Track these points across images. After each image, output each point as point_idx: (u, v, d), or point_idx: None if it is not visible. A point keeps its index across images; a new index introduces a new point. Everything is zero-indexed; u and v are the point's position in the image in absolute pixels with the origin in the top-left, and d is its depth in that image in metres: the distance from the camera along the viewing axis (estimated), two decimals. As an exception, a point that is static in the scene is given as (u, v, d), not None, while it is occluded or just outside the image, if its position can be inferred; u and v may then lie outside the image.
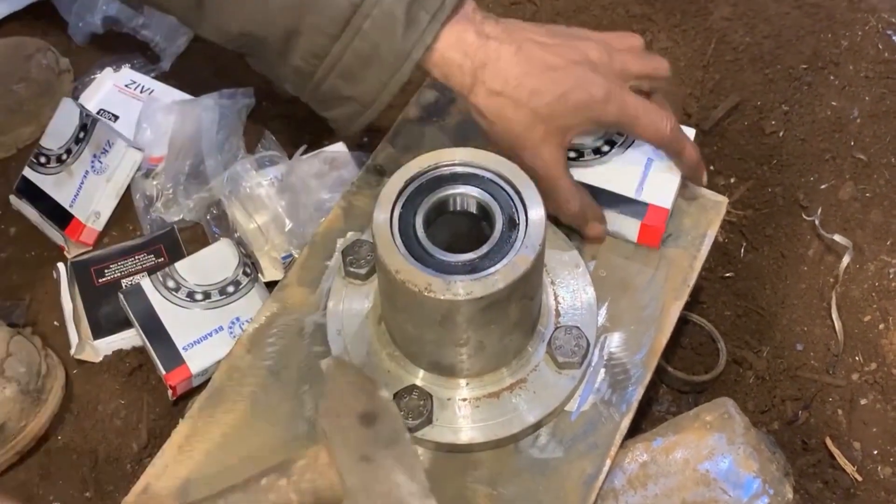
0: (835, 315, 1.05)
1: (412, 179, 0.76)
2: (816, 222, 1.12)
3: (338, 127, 0.84)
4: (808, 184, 1.16)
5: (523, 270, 0.73)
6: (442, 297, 0.71)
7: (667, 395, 1.01)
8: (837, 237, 1.09)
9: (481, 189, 0.77)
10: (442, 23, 0.77)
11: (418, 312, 0.75)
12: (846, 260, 1.07)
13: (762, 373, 1.02)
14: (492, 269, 0.73)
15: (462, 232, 0.79)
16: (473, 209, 0.78)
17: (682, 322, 1.04)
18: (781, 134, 1.21)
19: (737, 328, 1.06)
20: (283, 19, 0.77)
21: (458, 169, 0.77)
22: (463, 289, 0.72)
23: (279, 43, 0.79)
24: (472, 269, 0.73)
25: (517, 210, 0.76)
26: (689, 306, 1.04)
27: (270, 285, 1.03)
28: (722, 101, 1.23)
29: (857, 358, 1.04)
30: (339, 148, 1.09)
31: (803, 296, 1.08)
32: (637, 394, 0.83)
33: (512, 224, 0.75)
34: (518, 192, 0.76)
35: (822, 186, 1.16)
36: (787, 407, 1.00)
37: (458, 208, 0.78)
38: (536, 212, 0.75)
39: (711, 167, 1.18)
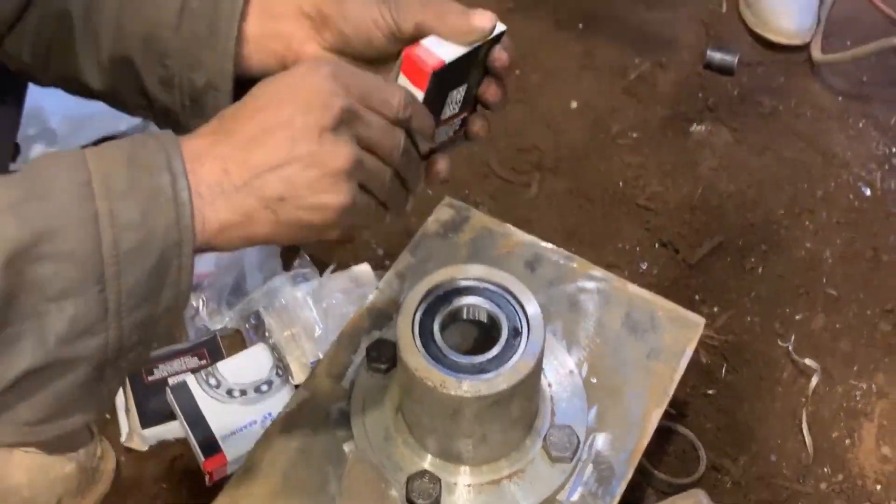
0: (806, 431, 1.17)
1: (432, 290, 0.90)
2: (790, 349, 1.25)
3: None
4: (784, 314, 1.30)
5: (524, 374, 0.86)
6: (453, 394, 0.84)
7: (652, 496, 1.12)
8: (808, 361, 1.22)
9: (490, 301, 0.90)
10: None
11: (433, 405, 0.87)
12: (815, 381, 1.20)
13: (738, 479, 1.13)
14: (497, 372, 0.86)
15: (473, 336, 0.92)
16: (483, 318, 0.91)
17: (668, 432, 1.15)
18: (760, 270, 1.35)
19: (717, 439, 1.17)
20: (135, 27, 0.84)
21: (472, 283, 0.91)
22: (471, 387, 0.85)
23: (140, 54, 0.83)
24: (480, 370, 0.86)
25: (521, 321, 0.89)
26: (675, 418, 1.17)
27: (300, 388, 1.16)
28: (707, 240, 1.38)
29: (825, 469, 1.15)
30: (364, 268, 1.24)
31: (778, 413, 1.20)
32: (620, 488, 0.94)
33: (515, 333, 0.89)
34: (522, 306, 0.90)
35: (797, 317, 1.30)
36: (762, 511, 1.12)
37: (470, 317, 0.91)
38: (537, 324, 0.88)
39: (696, 297, 1.32)
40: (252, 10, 0.81)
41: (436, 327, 0.88)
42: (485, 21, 0.75)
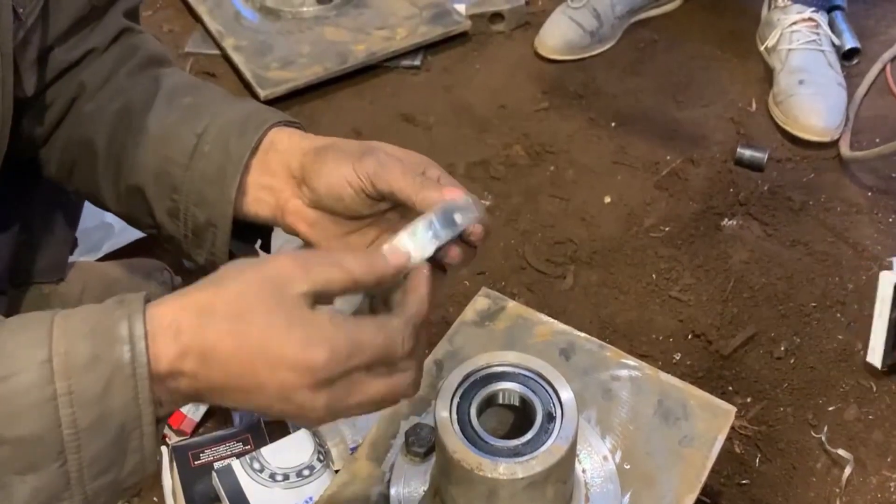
0: (840, 521, 1.18)
1: (468, 376, 0.94)
2: (823, 439, 1.26)
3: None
4: (817, 405, 1.32)
5: (558, 458, 0.89)
6: (490, 475, 0.87)
7: (687, 585, 1.13)
8: (841, 451, 1.23)
9: (525, 386, 0.94)
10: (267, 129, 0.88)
11: (470, 487, 0.90)
12: (848, 471, 1.21)
13: (773, 569, 1.14)
14: (532, 455, 0.89)
15: (508, 420, 0.95)
16: (518, 403, 0.94)
17: (702, 521, 1.17)
18: (792, 361, 1.37)
19: (751, 529, 1.19)
20: (150, 162, 0.90)
21: (507, 368, 0.94)
22: (507, 470, 0.88)
23: (152, 186, 0.90)
24: (515, 453, 0.89)
25: (554, 406, 0.92)
26: (709, 508, 1.18)
27: (340, 473, 1.19)
28: (740, 331, 1.41)
29: (861, 560, 1.15)
30: (404, 357, 1.28)
31: (812, 503, 1.21)
32: (655, 571, 0.96)
33: (550, 417, 0.92)
34: (556, 392, 0.93)
35: (830, 408, 1.31)
36: None
37: (506, 401, 0.95)
38: (570, 409, 0.92)
39: (730, 387, 1.34)
40: (254, 164, 0.88)
41: (472, 411, 0.92)
42: (456, 197, 0.77)
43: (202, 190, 0.88)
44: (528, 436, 0.90)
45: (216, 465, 1.19)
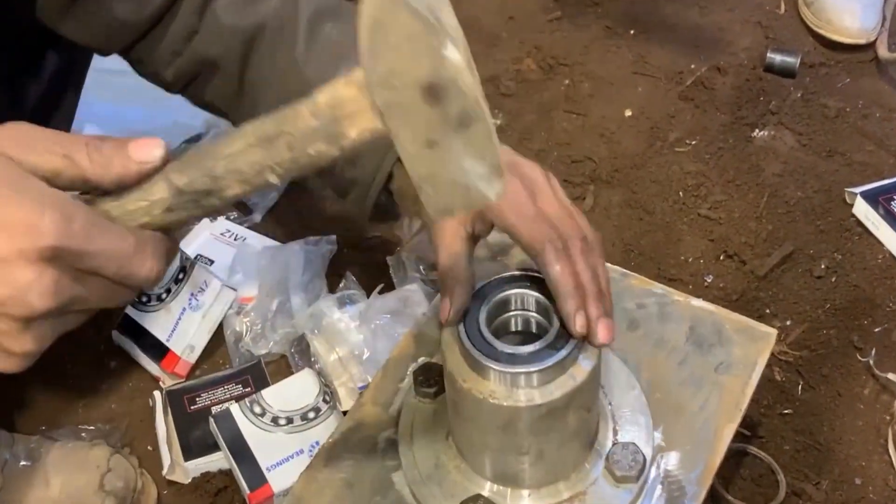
0: (892, 450, 1.08)
1: (478, 293, 0.83)
2: (871, 363, 1.16)
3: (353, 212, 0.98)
4: (862, 327, 1.21)
5: (580, 381, 0.79)
6: (504, 404, 0.78)
7: (727, 524, 1.04)
8: (891, 375, 1.13)
9: (538, 302, 0.83)
10: None
11: (484, 420, 0.81)
12: (900, 396, 1.11)
13: (821, 504, 1.05)
14: (549, 359, 0.78)
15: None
16: (533, 327, 0.84)
17: (742, 454, 1.08)
18: (834, 280, 1.27)
19: (796, 461, 1.09)
20: None
21: (518, 289, 0.84)
22: (525, 396, 0.78)
23: None
24: (530, 360, 0.78)
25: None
26: (749, 440, 1.09)
27: (348, 414, 1.10)
28: (776, 249, 1.30)
29: (916, 492, 1.06)
30: (412, 288, 1.18)
31: (860, 432, 1.11)
32: (693, 509, 0.87)
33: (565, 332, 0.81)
34: None
35: (876, 329, 1.21)
36: (848, 539, 1.03)
37: (518, 307, 0.84)
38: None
39: (767, 310, 1.23)
40: None
41: (482, 320, 0.81)
42: None
43: (357, 152, 0.85)
44: (541, 344, 0.79)
45: (213, 409, 1.11)
